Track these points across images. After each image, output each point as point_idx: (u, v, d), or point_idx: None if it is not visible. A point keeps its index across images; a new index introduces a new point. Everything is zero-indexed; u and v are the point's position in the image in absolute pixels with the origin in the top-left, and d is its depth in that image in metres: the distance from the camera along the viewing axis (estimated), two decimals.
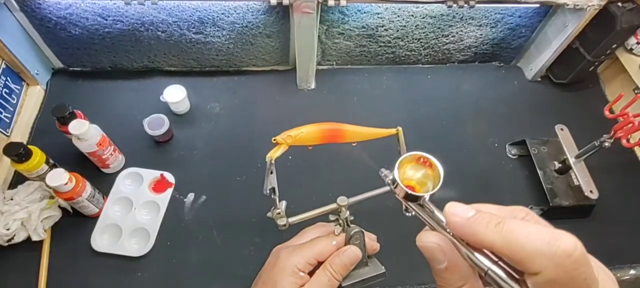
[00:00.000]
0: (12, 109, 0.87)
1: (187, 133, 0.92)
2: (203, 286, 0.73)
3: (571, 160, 0.84)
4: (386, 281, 0.42)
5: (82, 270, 0.73)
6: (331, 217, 0.42)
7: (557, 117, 0.93)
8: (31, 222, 0.71)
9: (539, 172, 0.86)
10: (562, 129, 0.89)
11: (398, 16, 0.95)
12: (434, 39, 1.02)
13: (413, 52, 1.06)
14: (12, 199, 0.72)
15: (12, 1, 0.81)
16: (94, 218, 0.77)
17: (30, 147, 0.73)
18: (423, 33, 1.00)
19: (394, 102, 1.02)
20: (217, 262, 0.75)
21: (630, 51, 0.99)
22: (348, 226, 0.41)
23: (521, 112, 1.02)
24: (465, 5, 0.83)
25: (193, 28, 0.91)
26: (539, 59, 1.04)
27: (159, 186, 0.82)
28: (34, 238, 0.72)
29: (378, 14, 0.94)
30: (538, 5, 0.95)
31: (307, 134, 0.42)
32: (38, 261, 0.72)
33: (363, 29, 0.97)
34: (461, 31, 1.01)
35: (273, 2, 0.80)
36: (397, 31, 0.99)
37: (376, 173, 0.39)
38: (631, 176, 0.94)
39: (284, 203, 0.42)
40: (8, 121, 0.86)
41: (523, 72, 1.11)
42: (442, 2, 0.83)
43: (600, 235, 0.84)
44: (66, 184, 0.68)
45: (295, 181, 0.85)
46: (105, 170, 0.83)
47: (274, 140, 0.42)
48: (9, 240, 0.71)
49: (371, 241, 0.42)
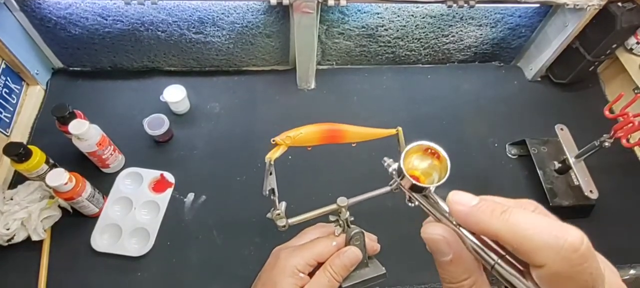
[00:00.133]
0: (12, 109, 0.87)
1: (187, 133, 0.92)
2: (203, 286, 0.73)
3: (571, 160, 0.84)
4: (386, 281, 0.42)
5: (82, 270, 0.73)
6: (331, 218, 0.42)
7: (557, 117, 0.93)
8: (31, 222, 0.71)
9: (539, 172, 0.86)
10: (562, 129, 0.89)
11: (398, 16, 0.95)
12: (434, 39, 1.02)
13: (413, 52, 1.06)
14: (12, 199, 0.72)
15: (12, 1, 0.81)
16: (94, 218, 0.77)
17: (30, 147, 0.73)
18: (423, 33, 1.00)
19: (394, 102, 1.02)
20: (217, 262, 0.75)
21: (630, 51, 0.98)
22: (348, 227, 0.41)
23: (521, 112, 1.02)
24: (465, 5, 0.83)
25: (193, 28, 0.91)
26: (539, 59, 1.04)
27: (159, 186, 0.82)
28: (34, 238, 0.72)
29: (378, 14, 0.94)
30: (538, 5, 0.95)
31: (307, 135, 0.42)
32: (38, 261, 0.72)
33: (363, 29, 0.97)
34: (461, 31, 1.01)
35: (273, 2, 0.79)
36: (397, 31, 0.99)
37: (376, 173, 0.39)
38: (631, 176, 0.94)
39: (284, 204, 0.42)
40: (8, 121, 0.86)
41: (523, 72, 1.11)
42: (442, 2, 0.83)
43: (600, 235, 0.83)
44: (66, 184, 0.68)
45: (294, 181, 0.85)
46: (105, 170, 0.83)
47: (273, 141, 0.41)
48: (9, 240, 0.71)
49: (371, 242, 0.42)
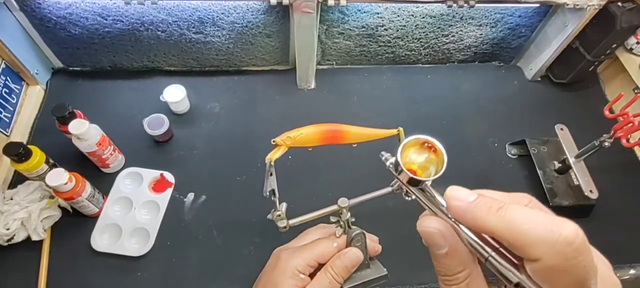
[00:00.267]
0: (12, 109, 0.87)
1: (187, 133, 0.92)
2: (203, 286, 0.73)
3: (571, 160, 0.84)
4: (387, 281, 0.41)
5: (82, 269, 0.73)
6: (332, 219, 0.42)
7: (557, 117, 0.93)
8: (31, 222, 0.71)
9: (539, 172, 0.86)
10: (562, 129, 0.89)
11: (398, 16, 0.95)
12: (434, 39, 1.02)
13: (413, 52, 1.06)
14: (12, 199, 0.72)
15: (12, 1, 0.81)
16: (94, 218, 0.77)
17: (30, 147, 0.73)
18: (423, 33, 1.00)
19: (394, 102, 1.02)
20: (217, 262, 0.75)
21: (630, 51, 0.99)
22: (349, 228, 0.41)
23: (521, 112, 1.02)
24: (465, 5, 0.83)
25: (193, 28, 0.91)
26: (539, 59, 1.04)
27: (159, 186, 0.82)
28: (34, 238, 0.72)
29: (378, 14, 0.94)
30: (538, 5, 0.95)
31: (307, 135, 0.42)
32: (38, 261, 0.72)
33: (363, 29, 0.97)
34: (461, 31, 1.01)
35: (273, 2, 0.79)
36: (397, 31, 0.99)
37: (377, 174, 0.38)
38: (631, 176, 0.94)
39: (285, 205, 0.42)
40: (8, 121, 0.86)
41: (523, 72, 1.11)
42: (442, 2, 0.83)
43: (600, 235, 0.83)
44: (66, 184, 0.68)
45: (295, 182, 0.85)
46: (105, 169, 0.83)
47: (274, 141, 0.41)
48: (9, 239, 0.71)
49: (373, 243, 0.42)
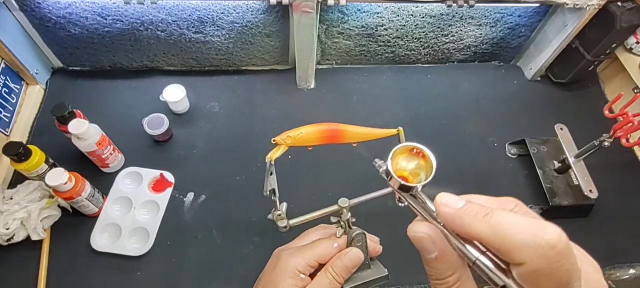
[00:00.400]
0: (12, 109, 0.87)
1: (187, 133, 0.92)
2: (203, 286, 0.73)
3: (571, 159, 0.84)
4: (387, 281, 0.41)
5: (82, 269, 0.73)
6: (333, 219, 0.42)
7: (557, 117, 0.93)
8: (31, 222, 0.71)
9: (539, 172, 0.86)
10: (562, 129, 0.89)
11: (398, 16, 0.95)
12: (434, 39, 1.02)
13: (413, 52, 1.06)
14: (12, 199, 0.72)
15: (12, 0, 0.81)
16: (94, 217, 0.77)
17: (29, 147, 0.72)
18: (423, 32, 1.00)
19: (394, 102, 1.02)
20: (217, 262, 0.75)
21: (630, 51, 0.99)
22: (350, 228, 0.41)
23: (521, 112, 1.02)
24: (465, 4, 0.83)
25: (193, 28, 0.91)
26: (539, 59, 1.04)
27: (159, 186, 0.82)
28: (34, 237, 0.72)
29: (378, 14, 0.94)
30: (538, 4, 0.95)
31: (307, 135, 0.42)
32: (38, 261, 0.72)
33: (363, 29, 0.97)
34: (461, 31, 1.01)
35: (273, 2, 0.79)
36: (397, 31, 0.99)
37: (377, 174, 0.38)
38: (631, 176, 0.94)
39: (285, 205, 0.42)
40: (8, 121, 0.86)
41: (523, 72, 1.11)
42: (442, 2, 0.83)
43: (599, 234, 0.84)
44: (66, 184, 0.68)
45: (295, 182, 0.85)
46: (105, 169, 0.83)
47: (274, 141, 0.41)
48: (9, 239, 0.71)
49: (374, 243, 0.42)
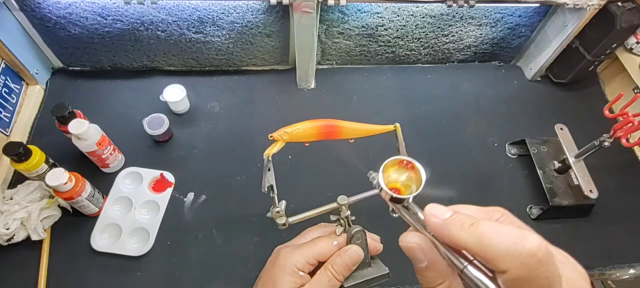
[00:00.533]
0: (12, 109, 0.87)
1: (187, 132, 0.92)
2: (203, 285, 0.73)
3: (571, 159, 0.84)
4: (387, 281, 0.41)
5: (82, 269, 0.73)
6: (332, 217, 0.42)
7: (557, 117, 0.93)
8: (31, 222, 0.71)
9: (539, 172, 0.86)
10: (562, 129, 0.89)
11: (398, 16, 0.95)
12: (434, 39, 1.02)
13: (413, 52, 1.06)
14: (12, 199, 0.72)
15: (12, 0, 0.81)
16: (94, 217, 0.77)
17: (29, 147, 0.72)
18: (423, 32, 1.00)
19: (394, 102, 1.02)
20: (217, 262, 0.75)
21: (629, 50, 0.99)
22: (349, 226, 0.41)
23: (521, 112, 1.02)
24: (465, 4, 0.83)
25: (193, 27, 0.91)
26: (539, 59, 1.04)
27: (159, 185, 0.82)
28: (34, 237, 0.72)
29: (378, 14, 0.94)
30: (538, 4, 0.95)
31: (304, 130, 0.43)
32: (38, 260, 0.72)
33: (363, 29, 0.97)
34: (461, 31, 1.01)
35: (273, 2, 0.79)
36: (397, 31, 0.99)
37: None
38: (631, 176, 0.94)
39: (284, 202, 0.42)
40: (8, 120, 0.86)
41: (523, 72, 1.11)
42: (442, 2, 0.83)
43: (599, 234, 0.84)
44: (66, 184, 0.68)
45: (295, 181, 0.85)
46: (104, 169, 0.83)
47: (271, 136, 0.42)
48: (9, 239, 0.71)
49: (374, 242, 0.42)
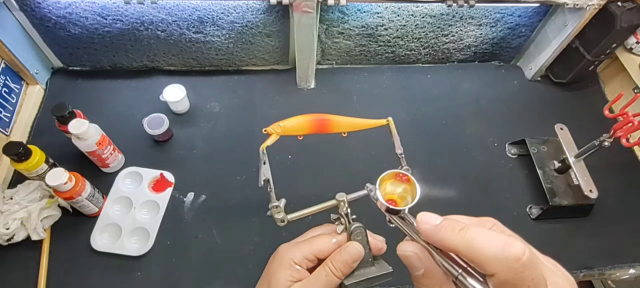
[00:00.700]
0: (12, 108, 0.87)
1: (187, 132, 0.92)
2: (203, 285, 0.73)
3: (571, 159, 0.84)
4: (388, 280, 0.41)
5: (82, 269, 0.73)
6: (332, 217, 0.42)
7: (557, 117, 0.93)
8: (31, 222, 0.71)
9: (539, 172, 0.86)
10: (562, 128, 0.89)
11: (398, 15, 0.95)
12: (434, 38, 1.02)
13: (413, 52, 1.06)
14: (12, 199, 0.72)
15: (12, 0, 0.81)
16: (94, 217, 0.77)
17: (29, 147, 0.72)
18: (423, 32, 1.00)
19: (394, 101, 1.02)
20: (217, 262, 0.75)
21: (629, 50, 0.99)
22: (349, 223, 0.41)
23: (521, 112, 1.02)
24: (465, 4, 0.83)
25: (193, 27, 0.91)
26: (539, 58, 1.04)
27: (159, 185, 0.82)
28: (34, 237, 0.72)
29: (378, 14, 0.94)
30: (538, 4, 0.95)
31: (296, 124, 0.45)
32: (38, 260, 0.72)
33: (363, 28, 0.97)
34: (461, 30, 1.01)
35: (273, 2, 0.79)
36: (397, 30, 0.99)
37: (376, 173, 0.39)
38: (631, 176, 0.94)
39: (284, 201, 0.42)
40: (7, 120, 0.86)
41: (523, 72, 1.11)
42: (442, 2, 0.83)
43: (599, 234, 0.84)
44: (66, 183, 0.68)
45: (294, 181, 0.85)
46: (104, 169, 0.83)
47: (265, 130, 0.44)
48: (9, 239, 0.71)
49: (376, 241, 0.41)
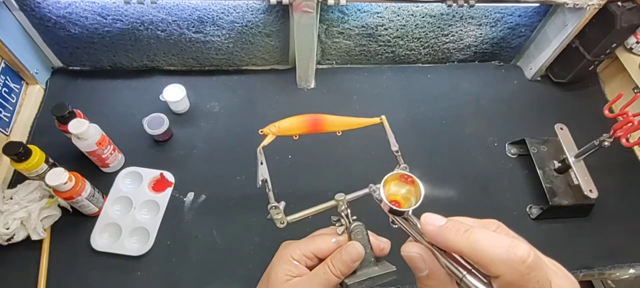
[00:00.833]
0: (12, 108, 0.87)
1: (187, 132, 0.92)
2: (203, 285, 0.73)
3: (571, 159, 0.84)
4: (389, 280, 0.41)
5: (82, 269, 0.73)
6: (333, 218, 0.42)
7: (557, 116, 0.93)
8: (31, 221, 0.71)
9: (539, 171, 0.86)
10: (562, 128, 0.89)
11: (398, 15, 0.95)
12: (434, 38, 1.02)
13: (413, 51, 1.06)
14: (12, 198, 0.72)
15: (12, 0, 0.81)
16: (94, 217, 0.77)
17: (29, 147, 0.72)
18: (423, 32, 1.00)
19: (394, 101, 1.02)
20: (217, 262, 0.75)
21: (629, 50, 0.99)
22: (350, 223, 0.41)
23: (521, 111, 1.02)
24: (465, 4, 0.83)
25: (192, 27, 0.91)
26: (539, 58, 1.04)
27: (159, 185, 0.82)
28: (34, 237, 0.72)
29: (378, 13, 0.94)
30: (538, 4, 0.95)
31: (291, 124, 0.46)
32: (38, 260, 0.72)
33: (363, 28, 0.97)
34: (461, 30, 1.01)
35: (273, 1, 0.79)
36: (397, 30, 0.99)
37: (376, 174, 0.39)
38: (631, 176, 0.94)
39: (283, 203, 0.42)
40: (7, 120, 0.86)
41: (523, 71, 1.11)
42: (442, 2, 0.83)
43: (599, 234, 0.84)
44: (66, 183, 0.68)
45: (294, 181, 0.85)
46: (104, 169, 0.83)
47: (261, 131, 0.45)
48: (9, 239, 0.71)
49: (378, 242, 0.41)
